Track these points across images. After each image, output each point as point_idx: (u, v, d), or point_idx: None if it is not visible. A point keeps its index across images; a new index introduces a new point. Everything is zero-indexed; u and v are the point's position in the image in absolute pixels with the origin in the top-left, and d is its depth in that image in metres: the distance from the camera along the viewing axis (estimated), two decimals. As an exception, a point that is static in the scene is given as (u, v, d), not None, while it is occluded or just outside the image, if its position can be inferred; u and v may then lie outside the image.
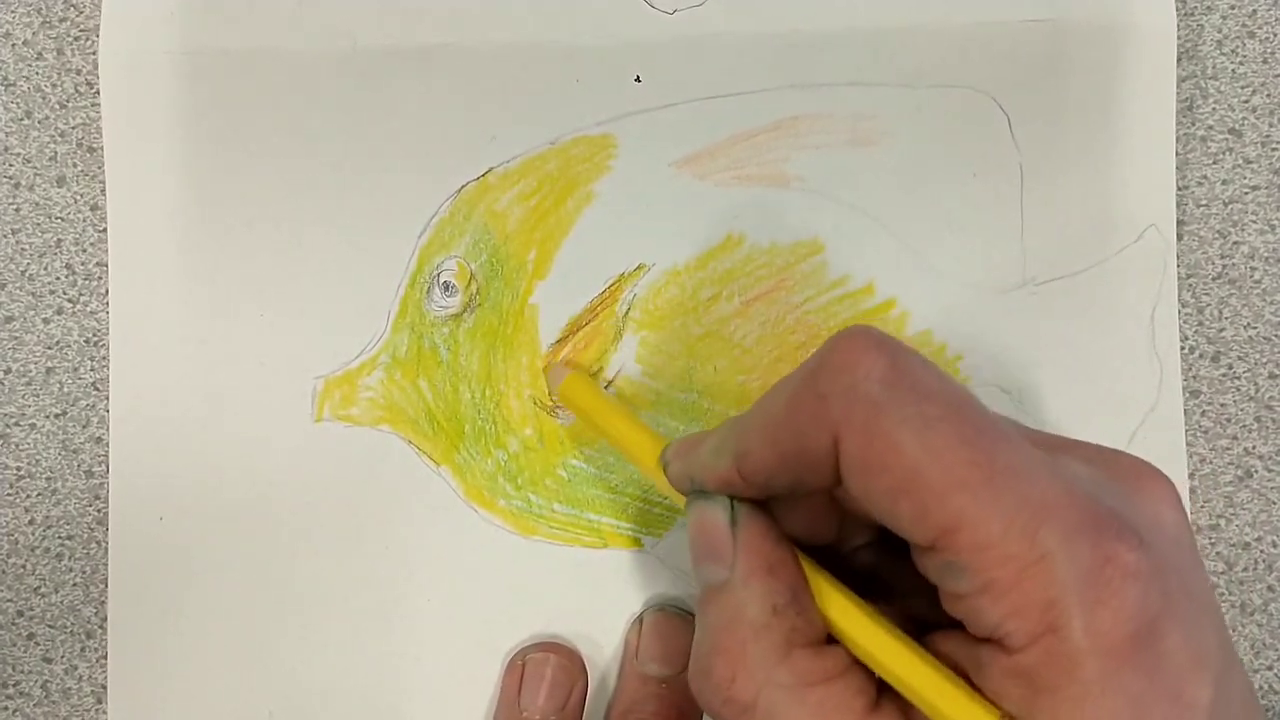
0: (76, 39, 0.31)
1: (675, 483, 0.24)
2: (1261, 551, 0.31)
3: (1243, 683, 0.19)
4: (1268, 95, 0.31)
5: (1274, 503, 0.31)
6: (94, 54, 0.31)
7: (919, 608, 0.21)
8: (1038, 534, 0.17)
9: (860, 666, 0.20)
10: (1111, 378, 0.31)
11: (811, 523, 0.23)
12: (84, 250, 0.31)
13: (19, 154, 0.31)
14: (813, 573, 0.22)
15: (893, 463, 0.18)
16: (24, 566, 0.31)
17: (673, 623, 0.29)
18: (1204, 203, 0.31)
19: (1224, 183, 0.31)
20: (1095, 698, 0.17)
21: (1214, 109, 0.31)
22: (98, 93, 0.30)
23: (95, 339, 0.31)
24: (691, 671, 0.21)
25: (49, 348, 0.31)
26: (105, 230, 0.31)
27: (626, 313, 0.30)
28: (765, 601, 0.21)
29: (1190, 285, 0.31)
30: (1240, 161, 0.31)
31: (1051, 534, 0.17)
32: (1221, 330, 0.31)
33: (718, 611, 0.21)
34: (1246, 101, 0.31)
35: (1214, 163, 0.31)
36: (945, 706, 0.19)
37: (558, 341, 0.30)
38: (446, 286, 0.30)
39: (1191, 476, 0.31)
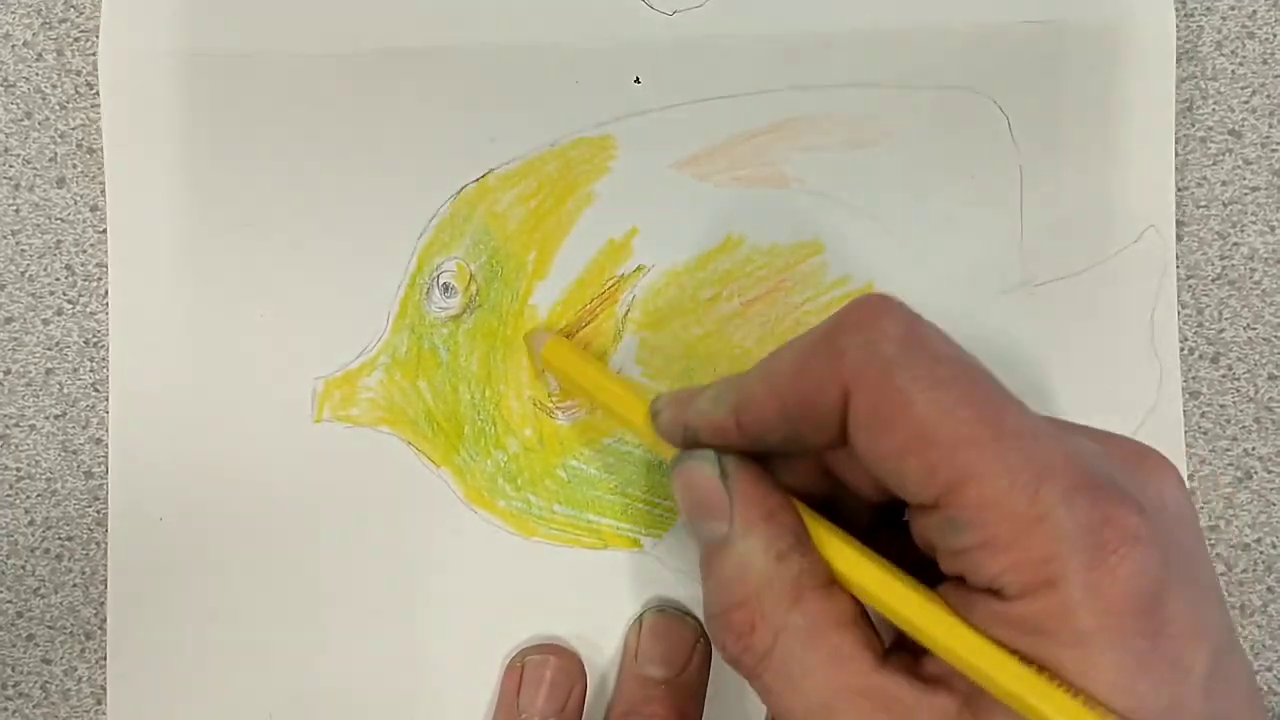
0: (76, 40, 0.31)
1: (666, 431, 0.24)
2: (1261, 553, 0.31)
3: (1242, 664, 0.19)
4: (1267, 96, 0.31)
5: (1273, 504, 0.31)
6: (94, 55, 0.31)
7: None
8: (1039, 491, 0.18)
9: (866, 618, 0.20)
10: (1111, 378, 0.31)
11: (800, 488, 0.23)
12: (84, 251, 0.31)
13: (19, 155, 0.31)
14: (810, 518, 0.22)
15: (902, 419, 0.19)
16: (23, 567, 0.31)
17: (672, 624, 0.29)
18: (1204, 203, 0.31)
19: (1224, 183, 0.31)
20: (1095, 648, 0.17)
21: (1214, 110, 0.31)
22: (98, 94, 0.30)
23: (95, 340, 0.31)
24: (710, 627, 0.22)
25: (49, 349, 0.31)
26: (105, 231, 0.31)
27: (626, 313, 0.30)
28: (769, 549, 0.21)
29: (1190, 286, 0.31)
30: (1240, 162, 0.31)
31: (1053, 492, 0.18)
32: (1221, 331, 0.31)
33: (723, 566, 0.21)
34: (1246, 102, 0.31)
35: (1214, 164, 0.31)
36: (956, 645, 0.19)
37: (557, 342, 0.30)
38: (446, 288, 0.30)
39: (1191, 478, 0.31)
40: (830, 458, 0.23)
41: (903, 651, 0.20)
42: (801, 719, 0.20)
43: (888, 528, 0.23)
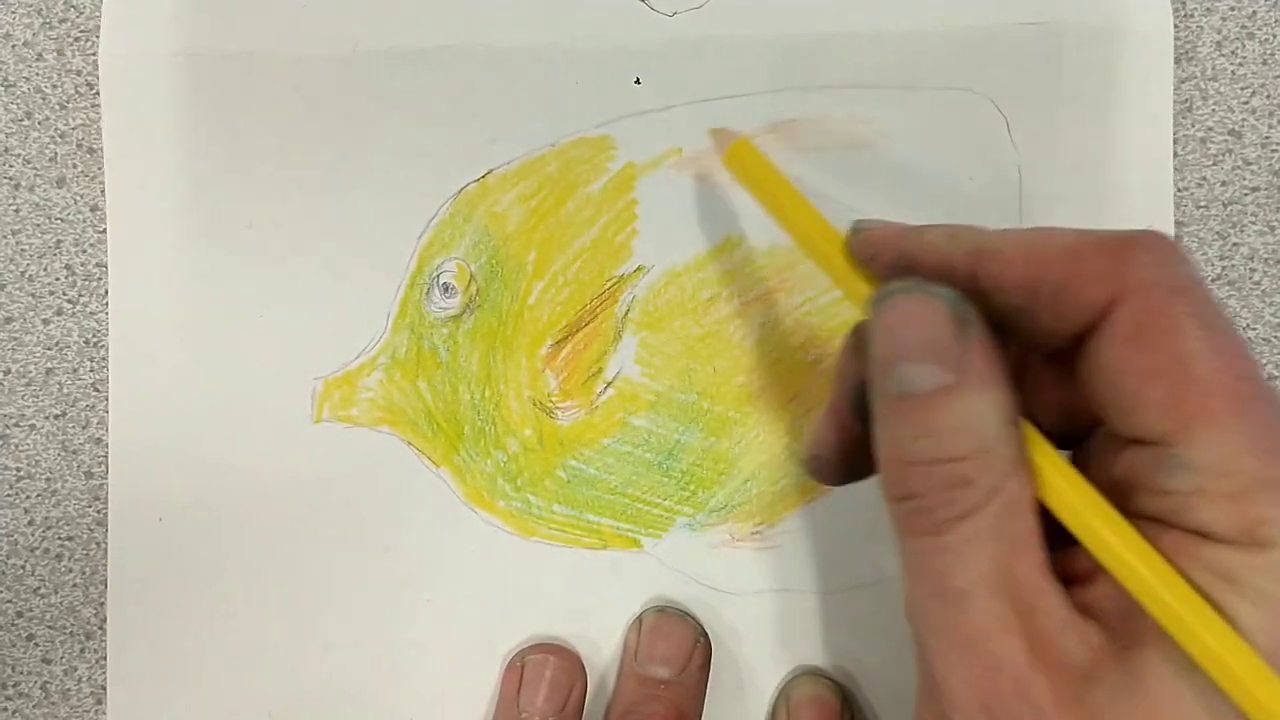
0: (77, 40, 0.31)
1: (869, 251, 0.23)
2: (1261, 553, 0.31)
3: None
4: (1267, 97, 0.31)
5: (1273, 504, 0.31)
6: (94, 55, 0.31)
7: None
8: (1278, 461, 0.17)
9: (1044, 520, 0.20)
10: (1111, 379, 0.31)
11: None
12: (84, 251, 0.31)
13: (19, 155, 0.31)
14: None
15: (1171, 343, 0.18)
16: (23, 567, 0.31)
17: (672, 624, 0.29)
18: (1203, 204, 0.31)
19: (1223, 184, 0.31)
20: None
21: (1213, 110, 0.31)
22: (98, 94, 0.30)
23: (95, 340, 0.31)
24: (908, 476, 0.20)
25: (49, 348, 0.31)
26: (105, 231, 0.31)
27: (626, 314, 0.30)
28: (1001, 411, 0.19)
29: (1189, 287, 0.31)
30: (1240, 163, 0.31)
31: None
32: (1220, 332, 0.31)
33: (951, 416, 0.19)
34: (1246, 103, 0.31)
35: (1213, 164, 0.31)
36: (1137, 561, 0.18)
37: (557, 343, 0.30)
38: (446, 288, 0.30)
39: (1191, 478, 0.31)
40: (1032, 363, 0.22)
41: (1063, 577, 0.20)
42: (961, 589, 0.19)
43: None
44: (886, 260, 0.22)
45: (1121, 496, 0.19)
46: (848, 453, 0.24)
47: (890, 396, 0.20)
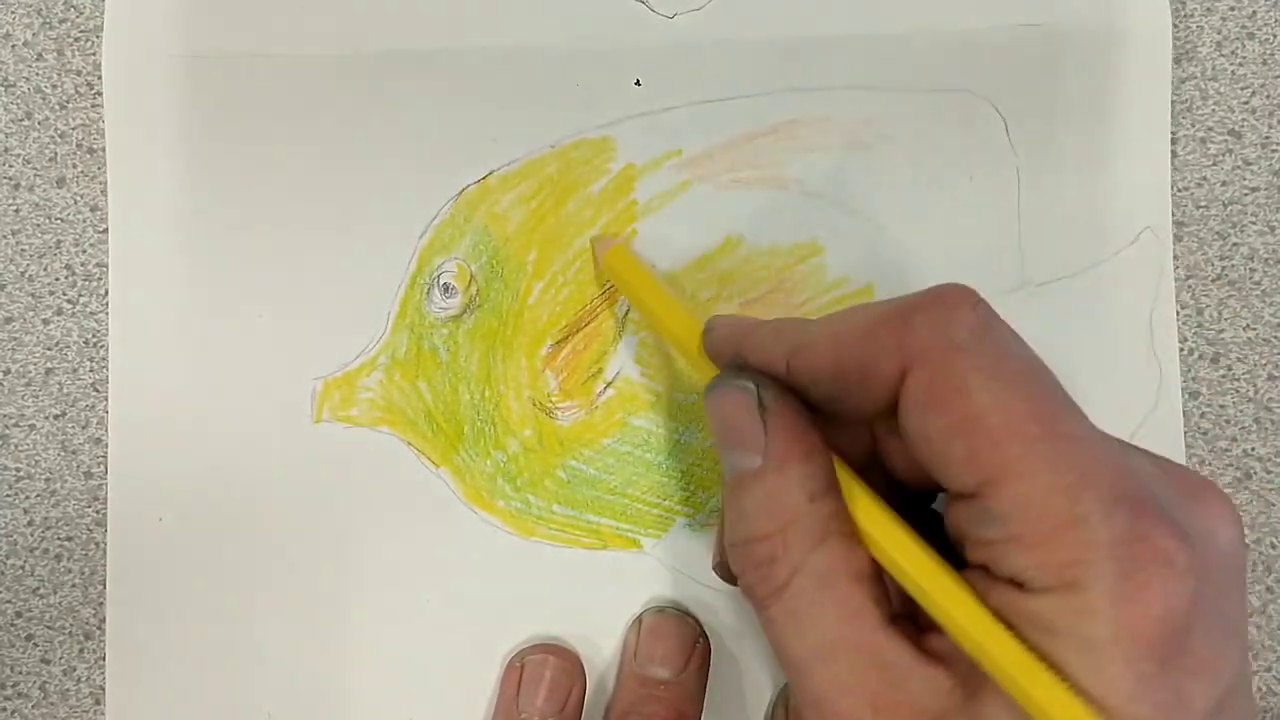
0: (77, 40, 0.31)
1: (715, 350, 0.24)
2: (1260, 553, 0.31)
3: (1247, 711, 0.19)
4: (1267, 97, 0.31)
5: (1273, 504, 0.31)
6: (94, 55, 0.31)
7: None
8: (1081, 497, 0.18)
9: (881, 578, 0.21)
10: (1110, 379, 0.31)
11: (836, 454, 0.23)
12: (84, 251, 0.31)
13: (19, 155, 0.31)
14: (841, 469, 0.22)
15: (957, 402, 0.19)
16: (22, 567, 0.31)
17: (672, 624, 0.29)
18: (1203, 204, 0.31)
19: (1223, 184, 0.31)
20: (1103, 658, 0.17)
21: (1213, 110, 0.31)
22: (98, 94, 0.30)
23: (95, 340, 0.31)
24: (730, 555, 0.22)
25: (48, 348, 0.31)
26: (105, 231, 0.31)
27: (626, 313, 0.30)
28: (803, 488, 0.21)
29: (1190, 286, 0.31)
30: (1240, 163, 0.31)
31: (1095, 501, 0.18)
32: (1221, 332, 0.31)
33: (752, 496, 0.21)
34: (1246, 103, 0.31)
35: (1213, 164, 0.31)
36: (964, 618, 0.19)
37: (557, 343, 0.30)
38: (446, 288, 0.30)
39: (1191, 478, 0.31)
40: (872, 431, 0.23)
41: (909, 623, 0.20)
42: (798, 659, 0.20)
43: (915, 514, 0.23)
44: (729, 357, 0.24)
45: (960, 548, 0.20)
46: None
47: (724, 483, 0.22)
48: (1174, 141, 0.31)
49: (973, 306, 0.20)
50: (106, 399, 0.31)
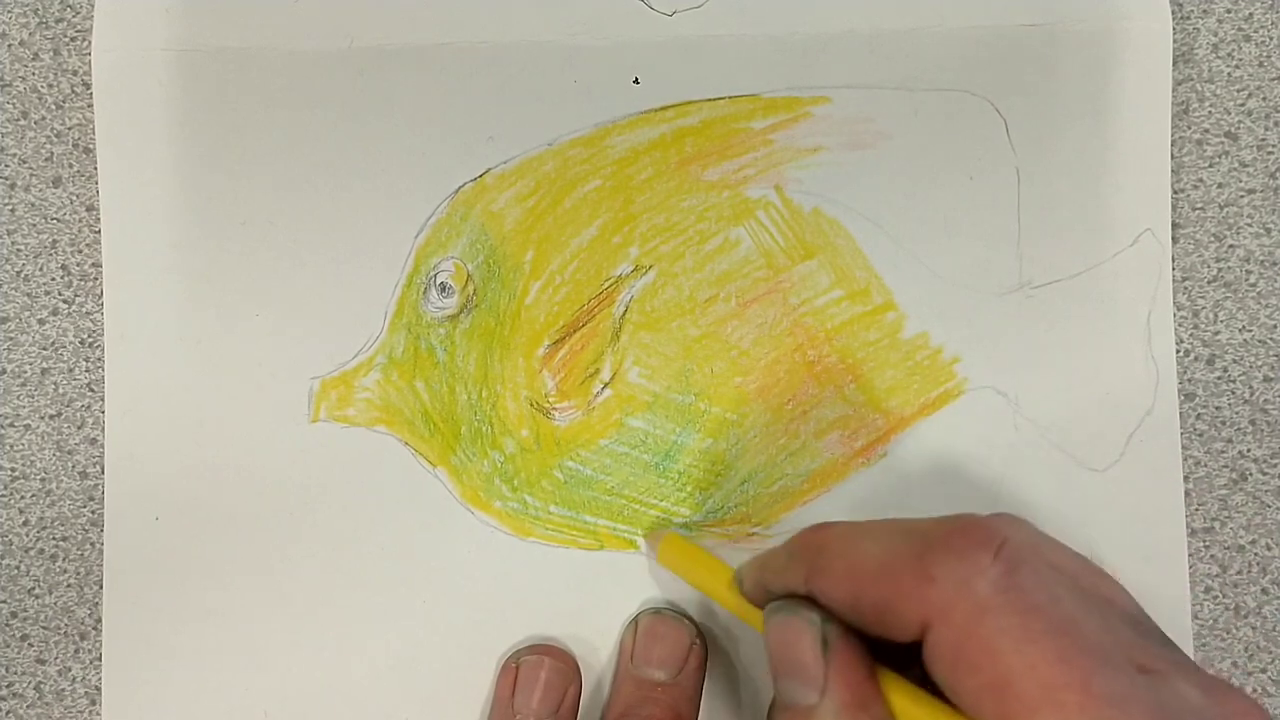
0: (73, 40, 0.31)
1: (751, 595, 0.25)
2: (1255, 554, 0.31)
3: None
4: (1263, 99, 0.31)
5: (1268, 505, 0.31)
6: (89, 54, 0.30)
7: None
8: None
9: None
10: (1107, 381, 0.31)
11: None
12: (79, 251, 0.31)
13: (15, 154, 0.31)
14: (897, 691, 0.21)
15: (986, 666, 0.19)
16: (18, 567, 0.31)
17: (668, 625, 0.29)
18: (1200, 206, 0.31)
19: (1220, 186, 0.31)
20: None
21: (1210, 112, 0.31)
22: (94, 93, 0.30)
23: (90, 340, 0.31)
24: None
25: (44, 348, 0.31)
26: (101, 231, 0.30)
27: (624, 314, 0.30)
28: None
29: (1186, 288, 0.31)
30: (1236, 165, 0.31)
31: None
32: (1217, 333, 0.31)
33: None
34: (1242, 105, 0.31)
35: (1210, 166, 0.31)
36: None
37: (554, 343, 0.30)
38: (443, 287, 0.30)
39: (1186, 479, 0.31)
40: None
41: None
42: None
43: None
44: (763, 600, 0.25)
45: None
46: None
47: (778, 706, 0.22)
48: (1171, 143, 0.31)
49: (994, 552, 0.20)
50: (102, 399, 0.30)
